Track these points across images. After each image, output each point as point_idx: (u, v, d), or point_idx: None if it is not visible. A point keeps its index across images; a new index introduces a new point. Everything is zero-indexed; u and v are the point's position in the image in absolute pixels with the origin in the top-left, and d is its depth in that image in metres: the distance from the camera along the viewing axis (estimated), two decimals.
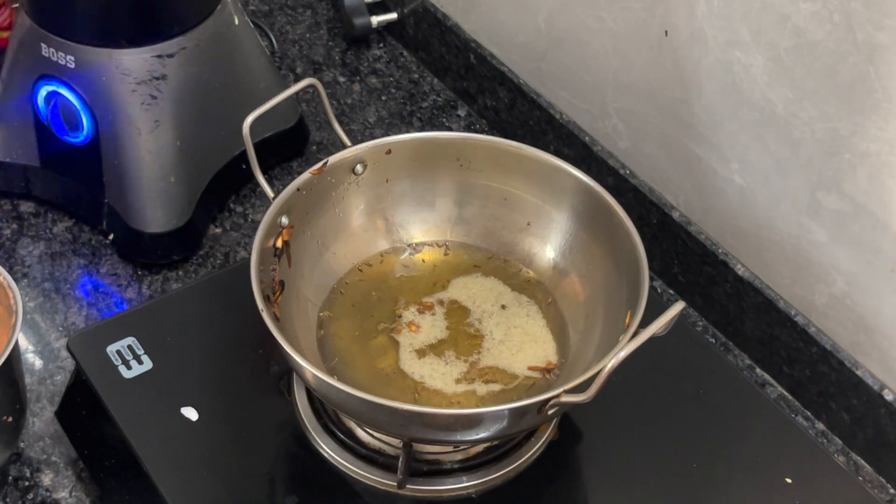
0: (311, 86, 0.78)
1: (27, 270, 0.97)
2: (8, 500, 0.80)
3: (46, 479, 0.82)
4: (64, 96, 0.94)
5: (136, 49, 0.92)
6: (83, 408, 0.83)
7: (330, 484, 0.75)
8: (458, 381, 0.77)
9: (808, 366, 0.88)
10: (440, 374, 0.77)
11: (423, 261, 0.85)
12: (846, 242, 0.82)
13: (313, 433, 0.77)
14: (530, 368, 0.78)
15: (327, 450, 0.76)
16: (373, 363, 0.78)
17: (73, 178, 0.99)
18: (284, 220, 0.77)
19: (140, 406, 0.78)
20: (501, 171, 0.84)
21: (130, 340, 0.82)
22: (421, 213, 0.86)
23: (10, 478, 0.82)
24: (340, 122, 0.84)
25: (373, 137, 0.90)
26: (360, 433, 0.76)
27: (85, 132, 0.95)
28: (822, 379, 0.87)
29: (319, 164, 0.80)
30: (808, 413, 0.89)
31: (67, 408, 0.85)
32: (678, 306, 0.67)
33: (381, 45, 1.24)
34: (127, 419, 0.77)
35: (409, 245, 0.86)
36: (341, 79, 1.19)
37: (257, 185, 0.78)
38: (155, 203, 0.95)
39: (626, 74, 0.96)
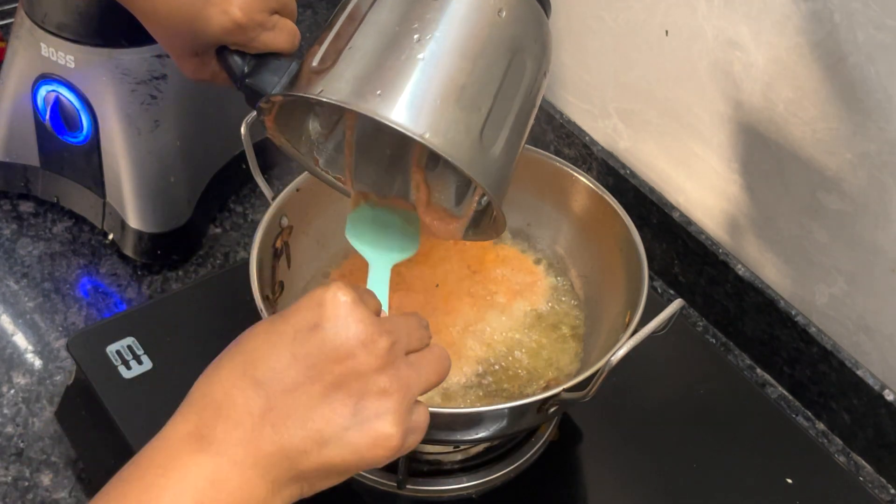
0: None
1: (27, 270, 0.97)
2: (7, 500, 0.80)
3: (46, 479, 0.82)
4: (64, 96, 0.94)
5: (136, 49, 0.92)
6: (83, 408, 0.83)
7: None
8: (459, 381, 0.77)
9: (809, 366, 0.88)
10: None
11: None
12: (846, 242, 0.82)
13: None
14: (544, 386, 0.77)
15: None
16: None
17: (73, 178, 0.99)
18: (285, 220, 0.77)
19: (140, 406, 0.78)
20: None
21: (130, 340, 0.82)
22: None
23: (10, 478, 0.82)
24: None
25: None
26: None
27: (85, 132, 0.95)
28: (823, 379, 0.87)
29: None
30: (809, 413, 0.89)
31: (67, 408, 0.84)
32: (677, 304, 0.67)
33: None
34: (127, 419, 0.77)
35: None
36: None
37: (257, 185, 0.78)
38: (155, 203, 0.95)
39: (626, 74, 0.96)
